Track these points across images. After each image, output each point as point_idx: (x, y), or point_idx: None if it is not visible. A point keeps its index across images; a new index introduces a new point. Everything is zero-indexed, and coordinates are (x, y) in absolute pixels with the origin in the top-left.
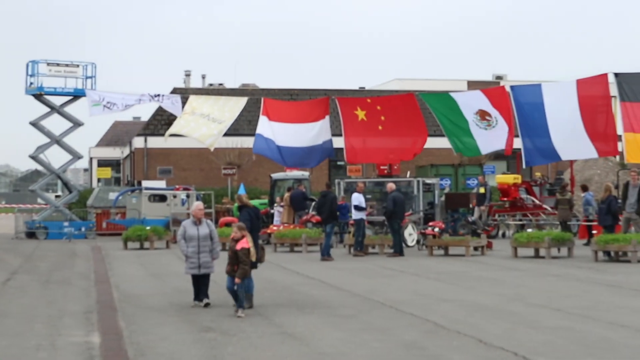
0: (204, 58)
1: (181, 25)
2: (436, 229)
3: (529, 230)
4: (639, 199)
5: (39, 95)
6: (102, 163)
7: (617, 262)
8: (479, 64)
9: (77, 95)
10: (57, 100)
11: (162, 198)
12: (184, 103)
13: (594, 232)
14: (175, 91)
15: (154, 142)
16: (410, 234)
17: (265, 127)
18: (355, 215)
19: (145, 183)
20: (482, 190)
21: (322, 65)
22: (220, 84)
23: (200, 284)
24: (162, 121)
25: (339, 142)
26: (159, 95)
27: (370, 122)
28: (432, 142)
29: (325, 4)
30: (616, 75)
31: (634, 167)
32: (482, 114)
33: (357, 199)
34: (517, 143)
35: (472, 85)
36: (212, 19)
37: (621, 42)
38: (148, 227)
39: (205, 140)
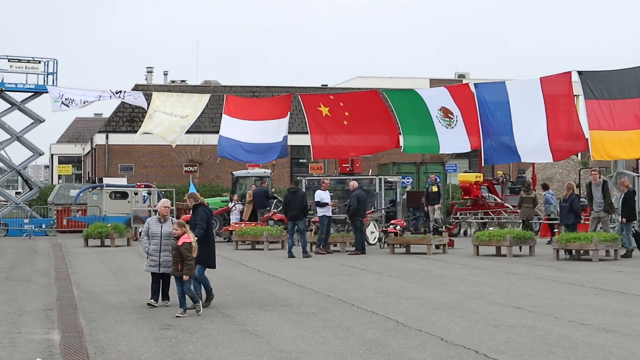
0: (166, 54)
1: (143, 21)
2: (398, 227)
3: (491, 228)
4: (605, 197)
5: None
6: (63, 160)
7: (579, 260)
8: (442, 63)
9: (38, 91)
10: (18, 97)
11: (123, 195)
12: (146, 99)
13: (556, 230)
14: (137, 88)
15: (115, 138)
16: (372, 232)
17: (228, 127)
18: (319, 212)
19: (107, 180)
20: (434, 188)
21: (284, 62)
22: (183, 81)
23: (161, 283)
24: (123, 118)
25: (303, 140)
26: (120, 91)
27: (335, 118)
28: None
29: (286, 1)
30: (580, 73)
31: (595, 166)
32: (445, 112)
33: (320, 195)
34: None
35: (435, 83)
36: (174, 15)
37: (582, 43)
38: (109, 225)
39: (167, 136)
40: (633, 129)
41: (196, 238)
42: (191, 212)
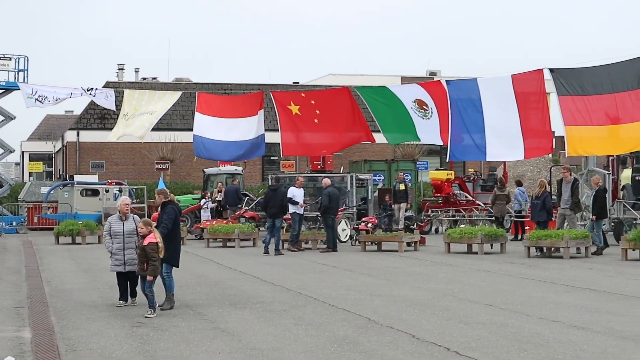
0: (137, 51)
1: (113, 18)
2: (369, 225)
3: (462, 226)
4: (573, 195)
5: None
6: (34, 157)
7: (550, 258)
8: (413, 60)
9: (9, 88)
10: None
11: (95, 192)
12: (117, 97)
13: (527, 227)
14: (108, 85)
15: (86, 136)
16: (344, 230)
17: (201, 125)
18: (291, 209)
19: (78, 177)
20: (402, 187)
21: (255, 59)
22: (154, 78)
23: (127, 282)
24: (94, 115)
25: (275, 137)
26: (92, 88)
27: (305, 116)
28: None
29: None
30: (551, 70)
31: (567, 163)
32: (420, 103)
33: (292, 192)
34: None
35: (406, 80)
36: (145, 12)
37: (554, 41)
38: (80, 222)
39: (136, 133)
40: (609, 124)
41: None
42: (159, 208)
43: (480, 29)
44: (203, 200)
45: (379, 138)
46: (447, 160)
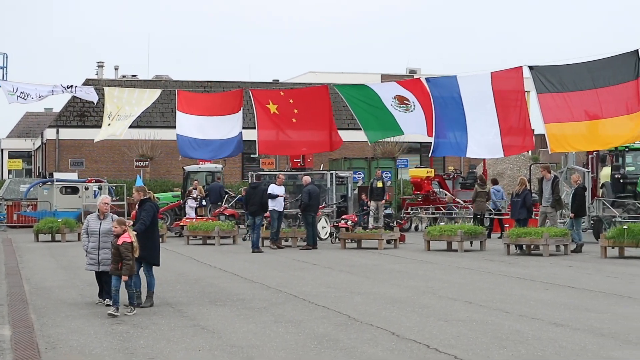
0: (117, 49)
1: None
2: (349, 222)
3: (442, 223)
4: (553, 192)
5: None
6: (13, 154)
7: (529, 255)
8: (393, 58)
9: None
10: None
11: (74, 190)
12: (97, 94)
13: (506, 225)
14: (87, 83)
15: (66, 133)
16: (324, 227)
17: (183, 124)
18: (270, 206)
19: (57, 175)
20: (379, 184)
21: (236, 57)
22: (134, 76)
23: (104, 281)
24: (74, 112)
25: (254, 135)
26: (72, 86)
27: (283, 116)
28: (346, 136)
29: None
30: (531, 68)
31: (547, 160)
32: (400, 99)
33: (272, 189)
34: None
35: (386, 78)
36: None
37: (535, 38)
38: (60, 220)
39: (116, 132)
40: (589, 119)
41: (135, 233)
42: (137, 206)
43: (461, 26)
44: (190, 197)
45: (359, 135)
46: (429, 156)
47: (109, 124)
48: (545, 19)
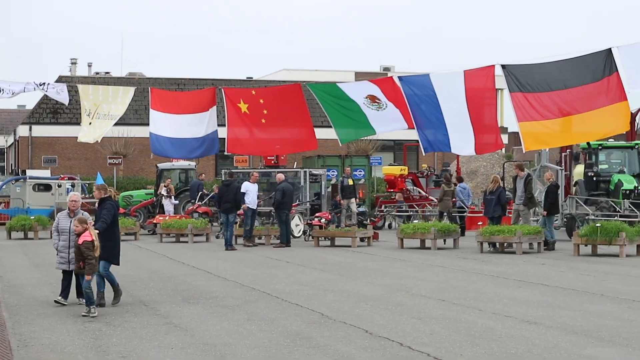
0: (90, 46)
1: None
2: (323, 220)
3: (415, 221)
4: (526, 190)
5: None
6: None
7: (502, 253)
8: (367, 55)
9: None
10: None
11: (47, 187)
12: (69, 91)
13: (480, 223)
14: (61, 79)
15: (39, 130)
16: (297, 225)
17: (156, 122)
18: (244, 203)
19: (30, 172)
20: (350, 182)
21: (209, 54)
22: (107, 73)
23: (71, 280)
24: (47, 110)
25: (225, 133)
26: (44, 83)
27: (253, 115)
28: (319, 133)
29: None
30: (503, 66)
31: (520, 159)
32: (372, 98)
33: (246, 187)
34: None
35: (360, 76)
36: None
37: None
38: (32, 217)
39: (98, 137)
40: (562, 116)
41: (97, 232)
42: (97, 204)
43: (435, 26)
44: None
45: (333, 133)
46: (424, 153)
47: (90, 123)
48: (517, 19)
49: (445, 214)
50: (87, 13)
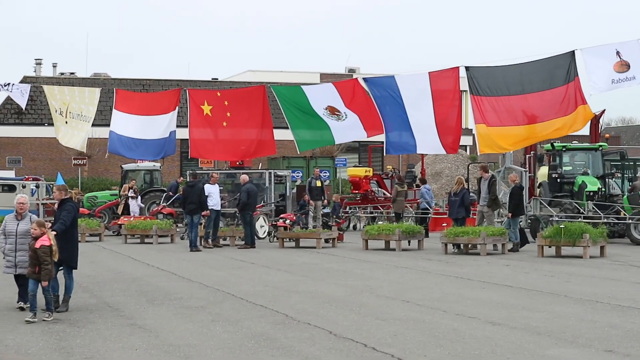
0: (55, 46)
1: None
2: (287, 221)
3: (380, 222)
4: (490, 192)
5: None
6: None
7: (467, 254)
8: (332, 57)
9: None
10: None
11: (11, 188)
12: (34, 92)
13: (444, 224)
14: (25, 80)
15: (3, 131)
16: (262, 226)
17: (118, 122)
18: (208, 205)
19: None
20: (318, 183)
21: (175, 55)
22: (72, 73)
23: (20, 284)
24: (11, 110)
25: (186, 134)
26: (8, 84)
27: (215, 118)
28: (284, 135)
29: None
30: (467, 68)
31: (484, 160)
32: (332, 110)
33: (207, 189)
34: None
35: (325, 77)
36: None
37: (473, 39)
38: None
39: (78, 144)
40: (519, 124)
41: (54, 233)
42: (57, 205)
43: (400, 27)
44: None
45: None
46: (385, 153)
47: (67, 122)
48: (481, 23)
49: (400, 214)
50: (52, 13)
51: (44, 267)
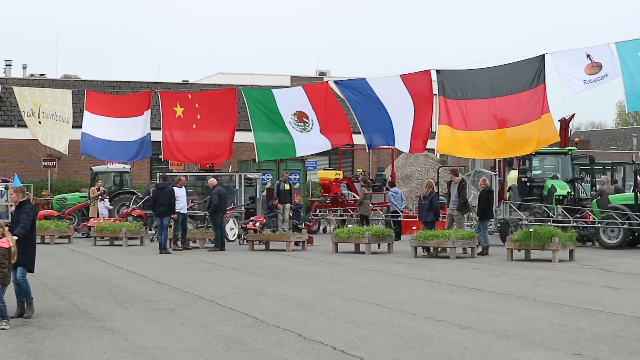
0: (25, 47)
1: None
2: (257, 224)
3: (350, 225)
4: (460, 195)
5: None
6: None
7: (436, 257)
8: (303, 60)
9: None
10: None
11: None
12: (4, 93)
13: (414, 228)
14: None
15: None
16: (232, 229)
17: (90, 124)
18: (176, 208)
19: None
20: (286, 186)
21: (145, 56)
22: (42, 75)
23: None
24: None
25: (159, 136)
26: None
27: (186, 120)
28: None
29: None
30: (438, 72)
31: (454, 164)
32: (300, 116)
33: (175, 192)
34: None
35: (296, 80)
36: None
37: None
38: None
39: (60, 146)
40: (486, 129)
41: (16, 238)
42: (15, 208)
43: (371, 32)
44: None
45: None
46: (367, 150)
47: (40, 122)
48: (452, 29)
49: (366, 216)
50: (22, 14)
51: (0, 270)
